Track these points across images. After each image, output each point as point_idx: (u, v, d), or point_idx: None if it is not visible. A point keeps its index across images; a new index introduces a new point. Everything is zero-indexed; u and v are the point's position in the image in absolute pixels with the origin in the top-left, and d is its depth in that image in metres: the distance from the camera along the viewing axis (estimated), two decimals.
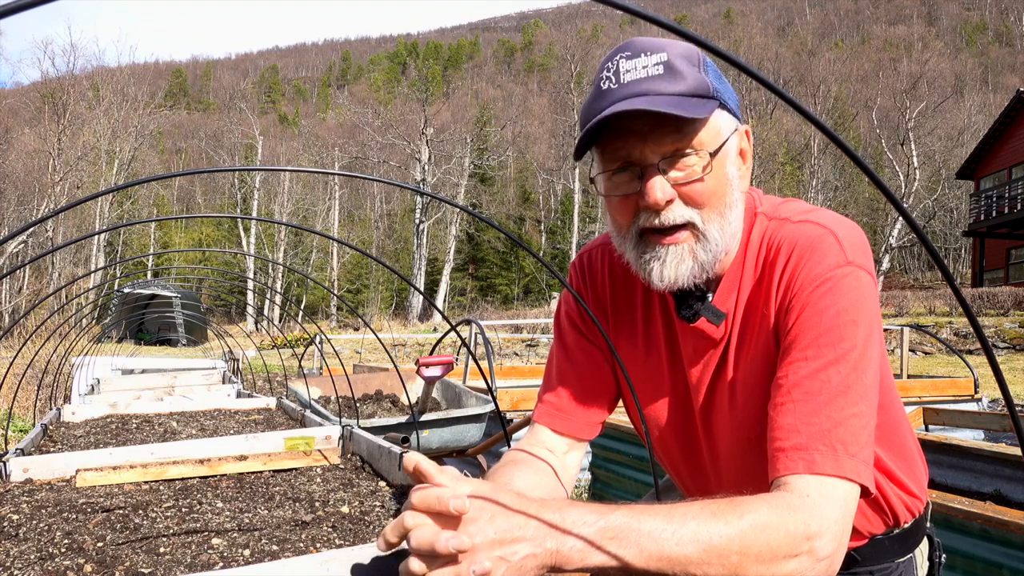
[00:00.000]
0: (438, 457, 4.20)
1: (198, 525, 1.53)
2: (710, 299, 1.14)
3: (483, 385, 4.98)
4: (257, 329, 26.95)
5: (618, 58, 1.03)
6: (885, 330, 10.00)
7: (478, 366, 2.61)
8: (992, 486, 3.39)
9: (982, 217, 27.22)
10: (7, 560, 1.30)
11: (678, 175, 1.03)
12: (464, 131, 45.70)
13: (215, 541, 1.42)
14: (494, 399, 2.18)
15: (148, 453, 2.16)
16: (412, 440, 3.36)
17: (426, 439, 4.05)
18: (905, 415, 1.26)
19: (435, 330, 26.86)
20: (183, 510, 1.65)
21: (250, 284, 17.48)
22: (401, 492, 1.73)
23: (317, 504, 1.69)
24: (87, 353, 6.64)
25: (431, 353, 4.36)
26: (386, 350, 2.84)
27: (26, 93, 45.75)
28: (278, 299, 27.53)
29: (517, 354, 19.41)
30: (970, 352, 15.37)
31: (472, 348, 6.58)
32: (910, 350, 12.26)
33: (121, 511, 1.62)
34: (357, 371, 7.16)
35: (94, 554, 1.33)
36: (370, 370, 6.82)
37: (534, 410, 1.31)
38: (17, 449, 2.19)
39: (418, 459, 0.86)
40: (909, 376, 7.63)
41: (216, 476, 1.99)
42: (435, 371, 3.68)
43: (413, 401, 4.35)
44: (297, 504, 1.69)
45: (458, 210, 38.44)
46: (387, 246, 52.03)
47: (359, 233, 52.43)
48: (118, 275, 30.14)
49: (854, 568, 1.22)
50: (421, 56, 79.40)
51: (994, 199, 26.56)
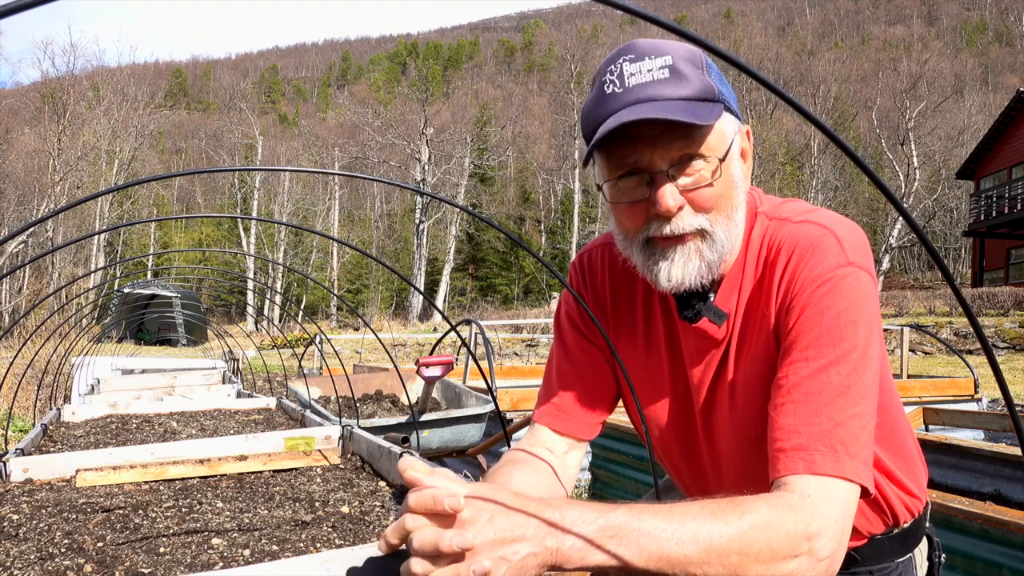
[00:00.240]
0: (438, 457, 4.20)
1: (198, 525, 1.53)
2: (712, 299, 1.14)
3: (483, 385, 4.98)
4: (257, 329, 26.95)
5: (621, 61, 1.02)
6: (885, 330, 10.00)
7: (478, 366, 2.61)
8: (992, 486, 3.39)
9: (982, 217, 27.22)
10: (7, 560, 1.30)
11: (687, 181, 1.02)
12: (464, 131, 45.69)
13: (215, 541, 1.42)
14: (494, 399, 2.18)
15: (148, 453, 2.16)
16: (412, 440, 3.35)
17: (426, 439, 4.05)
18: (905, 415, 1.26)
19: (435, 330, 26.86)
20: (183, 510, 1.65)
21: (250, 284, 17.48)
22: (401, 492, 1.73)
23: (317, 504, 1.69)
24: (87, 353, 6.64)
25: (431, 353, 4.36)
26: (386, 350, 2.83)
27: (26, 93, 45.74)
28: (278, 299, 27.53)
29: (517, 354, 19.41)
30: (970, 352, 15.37)
31: (472, 348, 6.58)
32: (910, 350, 12.27)
33: (121, 511, 1.62)
34: (357, 371, 7.16)
35: (94, 554, 1.33)
36: (370, 370, 6.82)
37: (534, 410, 1.31)
38: (17, 449, 2.20)
39: (410, 464, 0.85)
40: (909, 376, 7.63)
41: (216, 476, 1.99)
42: (435, 371, 3.69)
43: (413, 401, 4.35)
44: (297, 504, 1.69)
45: (458, 210, 38.44)
46: (387, 246, 52.03)
47: (359, 233, 52.42)
48: (118, 275, 30.14)
49: (854, 568, 1.22)
50: (421, 56, 79.38)
51: (994, 199, 26.57)
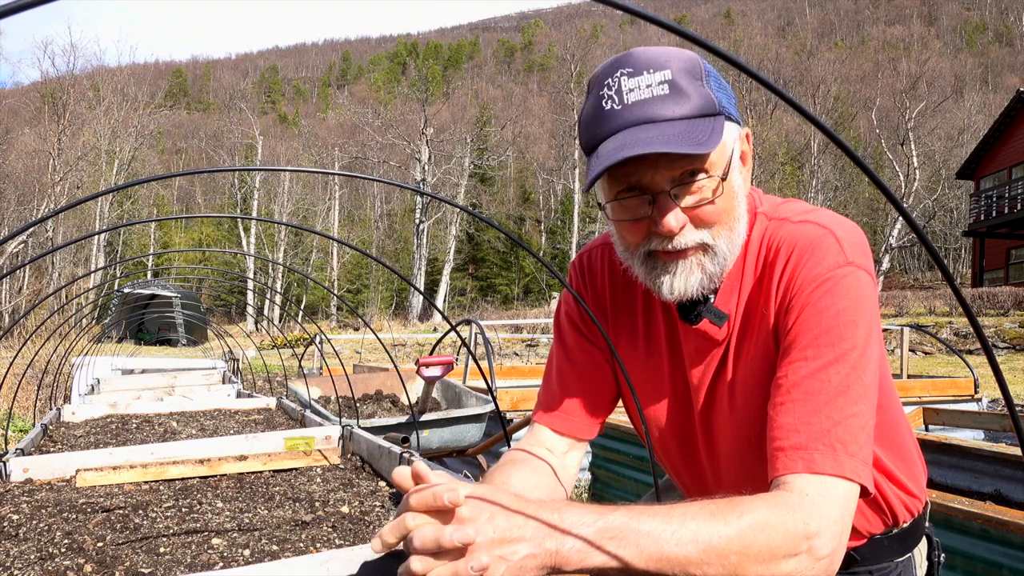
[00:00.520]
0: (438, 457, 4.20)
1: (198, 525, 1.53)
2: (712, 300, 1.14)
3: (483, 385, 4.98)
4: (257, 329, 26.95)
5: (619, 75, 1.01)
6: (885, 330, 10.00)
7: (478, 366, 2.61)
8: (992, 486, 3.39)
9: (982, 217, 27.22)
10: (7, 560, 1.30)
11: (690, 200, 1.02)
12: (464, 131, 45.68)
13: (215, 541, 1.42)
14: (494, 399, 2.18)
15: (148, 453, 2.16)
16: (412, 440, 3.35)
17: (426, 439, 4.05)
18: (904, 415, 1.26)
19: (435, 330, 26.86)
20: (183, 510, 1.65)
21: (250, 284, 17.48)
22: (401, 493, 1.73)
23: (317, 504, 1.69)
24: (87, 353, 6.64)
25: (431, 353, 4.36)
26: (386, 350, 2.84)
27: (26, 93, 45.73)
28: (278, 299, 27.53)
29: (517, 354, 19.41)
30: (970, 352, 15.37)
31: (472, 348, 6.58)
32: (910, 350, 12.26)
33: (121, 511, 1.62)
34: (357, 371, 7.16)
35: (94, 554, 1.33)
36: (370, 370, 6.82)
37: (534, 410, 1.31)
38: (17, 449, 2.20)
39: (412, 470, 0.86)
40: (909, 376, 7.63)
41: (216, 476, 1.99)
42: (435, 371, 3.69)
43: (413, 401, 4.35)
44: (297, 504, 1.69)
45: (458, 210, 38.43)
46: (387, 246, 52.02)
47: (359, 233, 52.42)
48: (118, 275, 30.14)
49: (853, 568, 1.22)
50: (421, 56, 79.37)
51: (994, 199, 26.57)
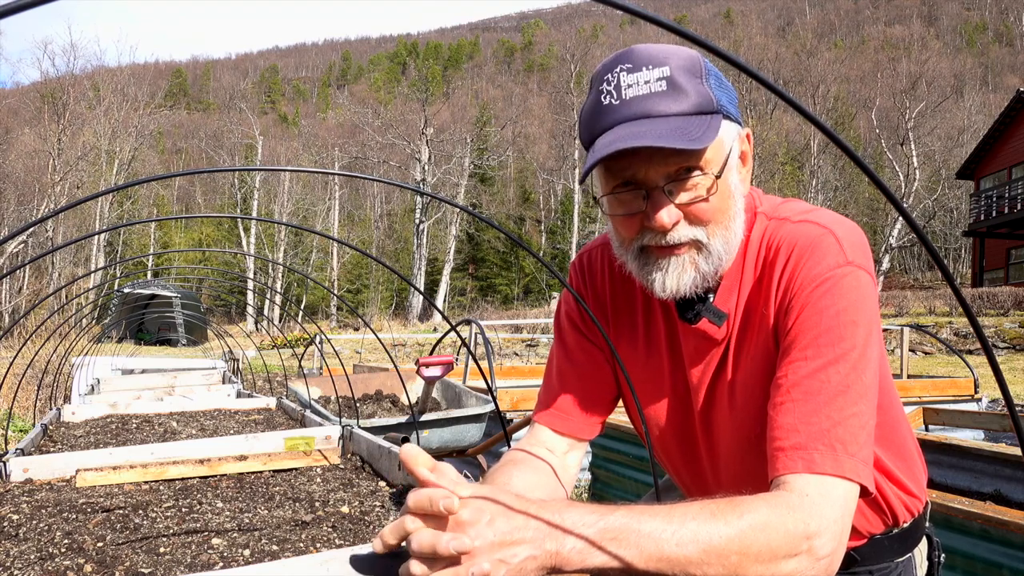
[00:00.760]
0: (438, 457, 4.20)
1: (198, 525, 1.53)
2: (711, 300, 1.14)
3: (483, 385, 4.98)
4: (257, 329, 26.95)
5: (618, 70, 1.01)
6: (885, 330, 10.00)
7: (478, 366, 2.61)
8: (992, 486, 3.39)
9: (982, 217, 27.22)
10: (7, 560, 1.30)
11: (684, 197, 1.03)
12: (464, 131, 45.67)
13: (215, 541, 1.41)
14: (494, 399, 2.18)
15: (148, 453, 2.16)
16: (412, 440, 3.35)
17: (426, 439, 4.05)
18: (904, 415, 1.26)
19: (435, 330, 26.86)
20: (183, 510, 1.65)
21: (250, 284, 17.47)
22: (401, 492, 1.73)
23: (317, 504, 1.69)
24: (87, 353, 6.64)
25: (431, 353, 4.36)
26: (386, 350, 2.84)
27: (26, 93, 45.73)
28: (278, 299, 27.53)
29: (517, 354, 19.40)
30: (970, 352, 15.37)
31: (472, 348, 6.58)
32: (910, 350, 12.26)
33: (121, 511, 1.62)
34: (357, 371, 7.16)
35: (94, 554, 1.33)
36: (370, 370, 6.82)
37: (534, 410, 1.31)
38: (17, 449, 2.20)
39: (413, 456, 0.84)
40: (909, 376, 7.63)
41: (216, 476, 1.99)
42: (435, 371, 3.69)
43: (413, 401, 4.35)
44: (297, 504, 1.69)
45: (458, 210, 38.43)
46: (387, 246, 52.03)
47: (359, 233, 52.42)
48: (118, 275, 30.14)
49: (853, 568, 1.22)
50: (421, 56, 79.32)
51: (994, 199, 26.57)
